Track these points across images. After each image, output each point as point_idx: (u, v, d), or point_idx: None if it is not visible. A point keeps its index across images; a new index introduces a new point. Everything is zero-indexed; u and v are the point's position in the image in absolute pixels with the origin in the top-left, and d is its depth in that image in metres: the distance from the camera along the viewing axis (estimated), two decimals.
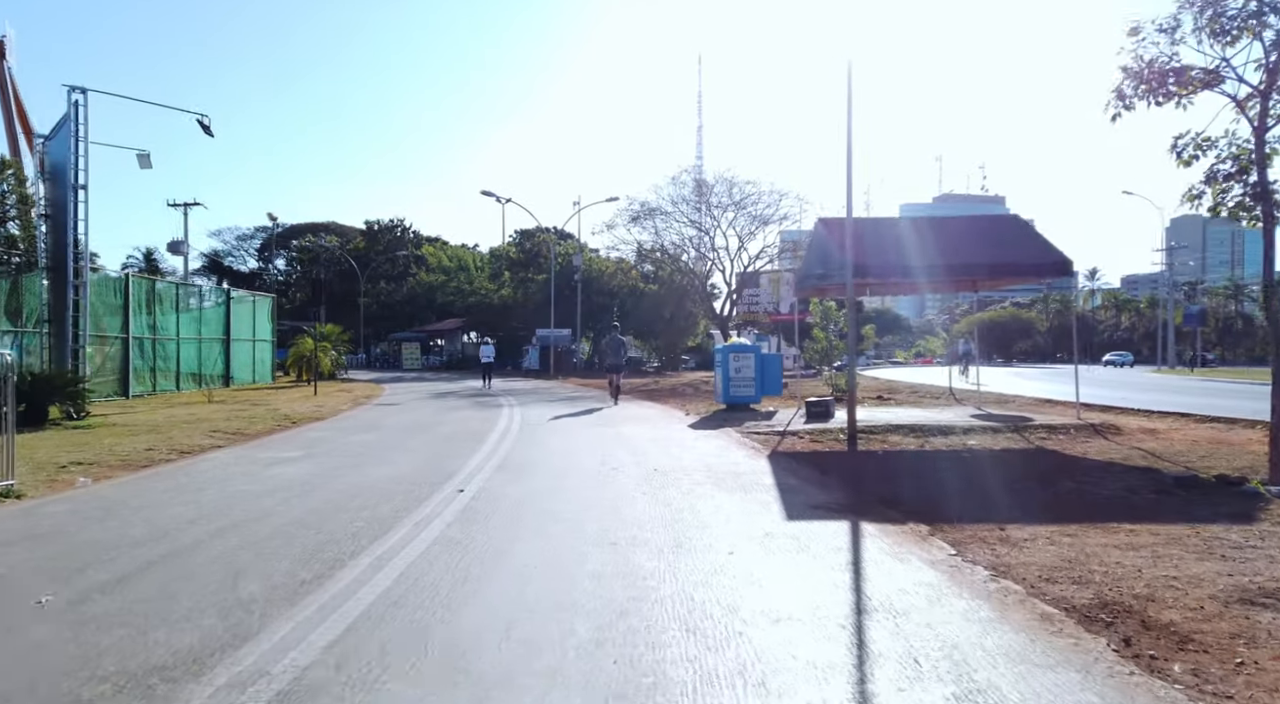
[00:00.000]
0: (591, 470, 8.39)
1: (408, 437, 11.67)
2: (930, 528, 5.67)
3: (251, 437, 11.67)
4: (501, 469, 8.46)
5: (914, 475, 8.20)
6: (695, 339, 51.58)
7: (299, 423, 13.84)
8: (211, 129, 17.52)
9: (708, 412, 15.83)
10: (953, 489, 7.34)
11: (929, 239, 12.42)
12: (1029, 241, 12.25)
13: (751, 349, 16.03)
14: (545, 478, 7.92)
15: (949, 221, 13.10)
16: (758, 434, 11.80)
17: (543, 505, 6.49)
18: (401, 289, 59.99)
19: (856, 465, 8.88)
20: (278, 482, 7.66)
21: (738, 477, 8.00)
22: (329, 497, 6.84)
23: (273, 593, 4.11)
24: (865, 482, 7.76)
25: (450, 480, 7.71)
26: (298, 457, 9.45)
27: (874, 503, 6.61)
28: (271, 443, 10.97)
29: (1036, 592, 4.16)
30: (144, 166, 18.04)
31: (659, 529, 5.61)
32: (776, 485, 7.48)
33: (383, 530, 5.52)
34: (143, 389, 21.31)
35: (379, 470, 8.36)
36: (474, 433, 12.08)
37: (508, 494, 6.99)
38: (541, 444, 10.75)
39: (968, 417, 13.35)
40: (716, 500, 6.73)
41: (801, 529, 5.62)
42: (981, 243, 12.20)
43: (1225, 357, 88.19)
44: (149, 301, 22.24)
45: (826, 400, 13.63)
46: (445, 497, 6.83)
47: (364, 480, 7.70)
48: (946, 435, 11.17)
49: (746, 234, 40.91)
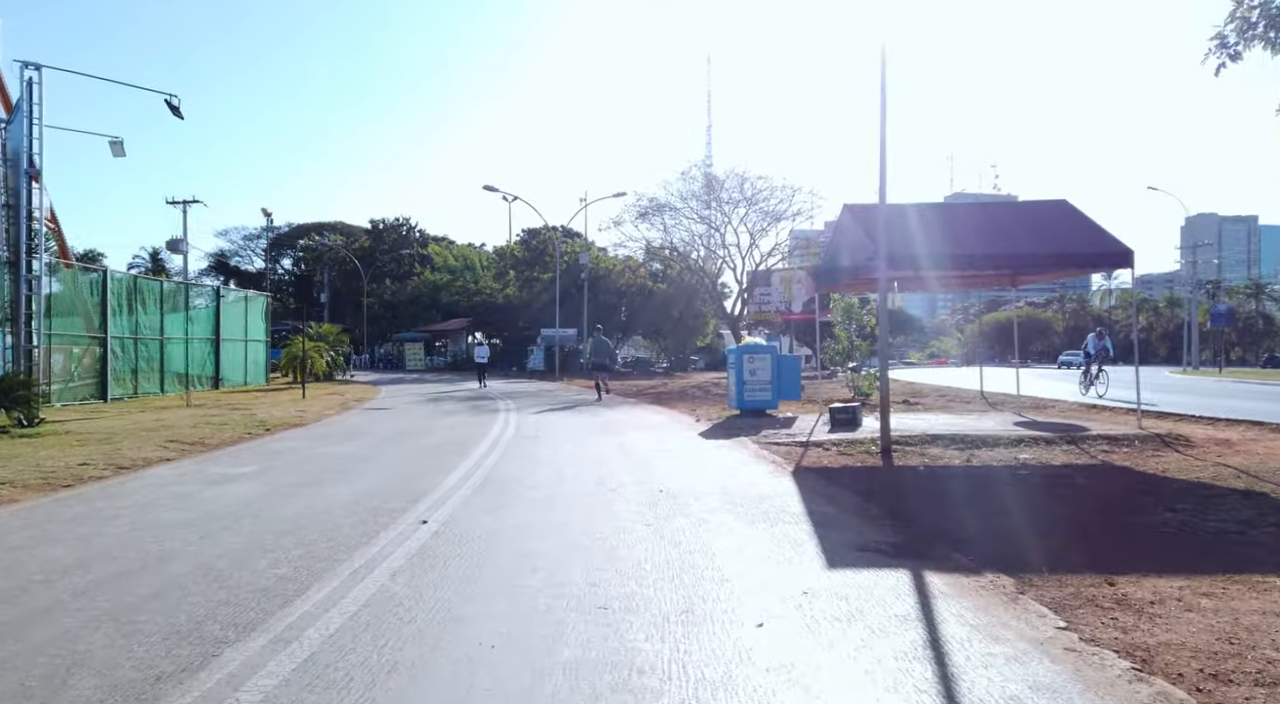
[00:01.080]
0: (586, 492, 7.12)
1: (387, 447, 10.44)
2: (1016, 582, 4.37)
3: (212, 447, 10.46)
4: (482, 490, 7.21)
5: (969, 500, 6.88)
6: (705, 339, 50.25)
7: (273, 430, 12.64)
8: (181, 110, 16.40)
9: (720, 417, 14.54)
10: (1022, 520, 6.03)
11: (972, 227, 11.12)
12: (1085, 230, 10.91)
13: (767, 349, 14.73)
14: (530, 502, 6.65)
15: (994, 208, 11.80)
16: (777, 445, 10.50)
17: (520, 544, 5.22)
18: (406, 289, 58.90)
19: (898, 486, 7.57)
20: (211, 507, 6.43)
21: (759, 501, 6.71)
22: (261, 530, 5.59)
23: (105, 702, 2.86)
24: (913, 509, 6.45)
25: (417, 505, 6.46)
26: (251, 473, 8.22)
27: (932, 540, 5.32)
28: (230, 455, 9.75)
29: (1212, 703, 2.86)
30: (117, 155, 16.93)
31: (664, 582, 4.34)
32: (807, 514, 6.19)
33: (306, 584, 4.27)
34: (123, 392, 20.21)
35: (338, 491, 7.11)
36: (461, 442, 10.84)
37: (481, 526, 5.73)
38: (533, 456, 9.49)
39: (1010, 425, 12.00)
40: (736, 536, 5.45)
41: (850, 584, 4.33)
42: (1032, 231, 10.87)
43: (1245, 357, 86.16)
44: (130, 300, 21.14)
45: (853, 407, 12.32)
46: (403, 530, 5.58)
47: (314, 505, 6.46)
48: (993, 448, 9.85)
49: (758, 230, 39.61)
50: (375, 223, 71.33)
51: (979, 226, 11.01)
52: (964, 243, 10.67)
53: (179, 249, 47.24)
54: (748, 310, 42.98)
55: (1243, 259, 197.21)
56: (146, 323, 21.86)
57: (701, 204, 39.58)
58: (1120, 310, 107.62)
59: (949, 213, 11.63)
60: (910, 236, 10.66)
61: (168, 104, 15.93)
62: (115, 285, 20.41)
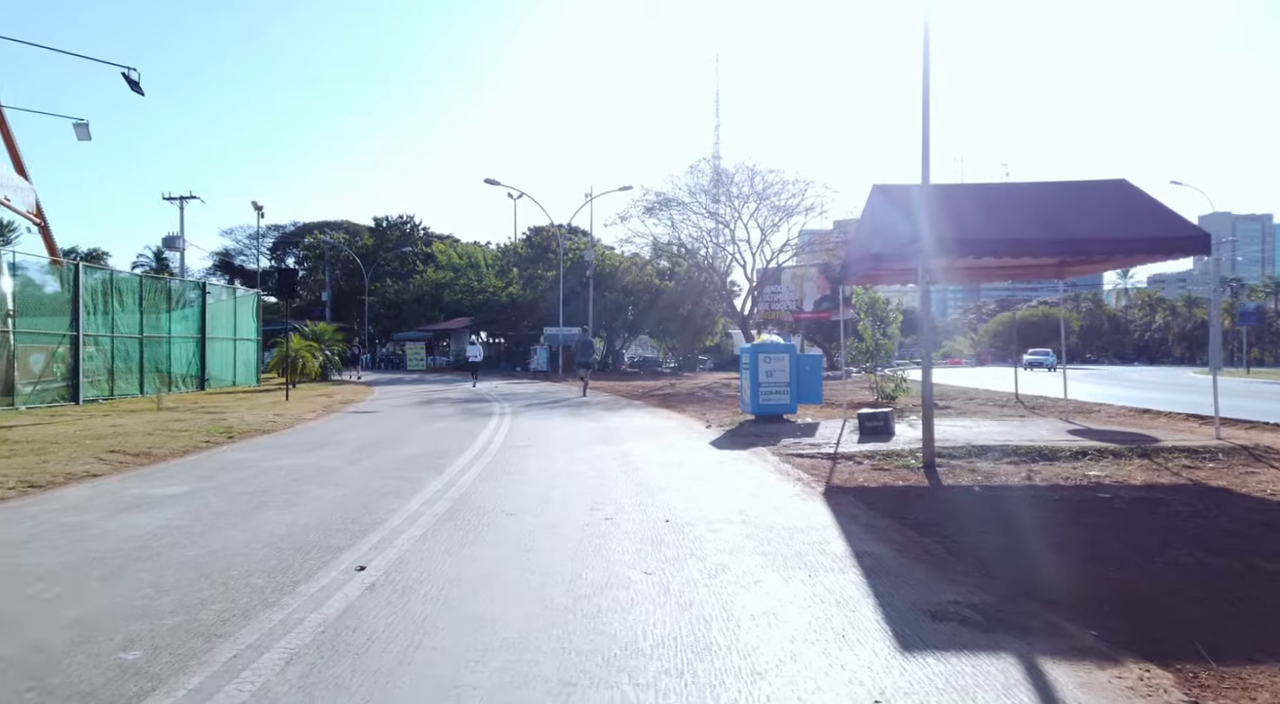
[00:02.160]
0: (576, 522, 5.80)
1: (356, 459, 9.15)
2: (1176, 679, 3.04)
3: (157, 459, 9.20)
4: (449, 518, 5.90)
5: (1051, 535, 5.52)
6: (713, 339, 48.88)
7: (236, 438, 11.37)
8: (140, 86, 15.16)
9: (732, 423, 13.21)
10: (1134, 567, 4.68)
11: (1021, 210, 9.75)
12: (1151, 213, 9.54)
13: (785, 348, 13.40)
14: (504, 537, 5.34)
15: (1045, 188, 10.40)
16: (801, 457, 9.17)
17: (479, 606, 3.91)
18: (408, 287, 57.70)
19: (954, 514, 6.22)
20: (101, 545, 5.14)
21: (789, 535, 5.38)
22: (144, 581, 4.30)
23: None
24: (984, 547, 5.11)
25: (363, 540, 5.16)
26: (179, 494, 6.93)
27: (1028, 599, 3.98)
28: (171, 470, 8.47)
29: None
30: (82, 138, 15.75)
31: (669, 679, 3.01)
32: (854, 556, 4.85)
33: (150, 685, 2.97)
34: (97, 394, 19.01)
35: (273, 521, 5.82)
36: (441, 453, 9.55)
37: (433, 575, 4.42)
38: (519, 471, 8.18)
39: (1063, 433, 10.63)
40: (766, 593, 4.12)
41: (938, 683, 3.00)
42: (1089, 214, 9.50)
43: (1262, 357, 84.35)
44: (106, 296, 19.95)
45: (884, 413, 10.96)
46: (331, 581, 4.28)
47: (232, 543, 5.16)
48: (1052, 461, 8.49)
49: (769, 226, 38.16)
50: (379, 220, 70.27)
51: (1029, 209, 9.64)
52: (1013, 226, 9.31)
53: (176, 246, 46.25)
54: (758, 309, 41.52)
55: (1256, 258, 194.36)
56: (124, 321, 20.67)
57: (710, 199, 38.18)
58: (1135, 309, 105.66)
59: (994, 194, 10.28)
60: (951, 220, 9.30)
61: (125, 78, 14.71)
62: (89, 281, 19.20)
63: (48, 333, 18.12)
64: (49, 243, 26.11)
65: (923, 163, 8.37)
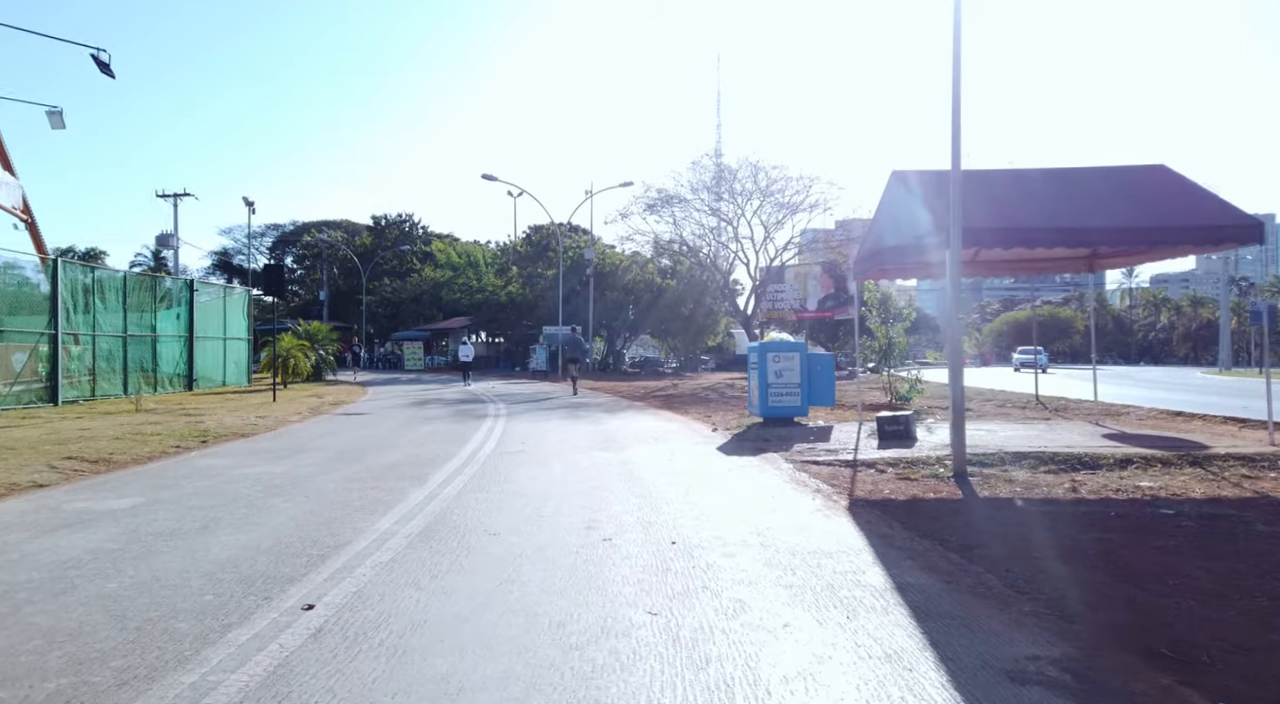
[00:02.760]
0: (570, 545, 5.04)
1: (331, 467, 8.39)
2: None
3: (116, 466, 8.45)
4: (424, 540, 5.15)
5: (1118, 561, 4.76)
6: (715, 338, 48.10)
7: (210, 442, 10.63)
8: (111, 68, 14.41)
9: (740, 426, 12.45)
10: (1235, 602, 3.92)
11: (1053, 196, 9.00)
12: (1198, 199, 8.79)
13: (795, 347, 12.63)
14: (485, 565, 4.58)
15: (1079, 174, 9.64)
16: (818, 464, 8.41)
17: (444, 662, 3.15)
18: (406, 286, 56.97)
19: (1000, 533, 5.45)
20: (12, 575, 4.39)
21: (816, 561, 4.63)
22: (15, 640, 3.54)
23: None
24: (1045, 576, 4.35)
25: (319, 569, 4.41)
26: (125, 509, 6.18)
27: (1118, 650, 3.23)
28: (126, 479, 7.72)
29: None
30: (56, 126, 15.01)
31: None
32: (896, 590, 4.10)
33: None
34: (77, 394, 18.28)
35: (221, 543, 5.07)
36: (426, 461, 8.80)
37: (394, 617, 3.67)
38: (509, 482, 7.42)
39: (1098, 438, 9.87)
40: (798, 642, 3.37)
41: None
42: (1132, 201, 8.74)
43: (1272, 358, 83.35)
44: (88, 294, 19.21)
45: (905, 416, 10.20)
46: (269, 625, 3.53)
47: (167, 571, 4.41)
48: (1095, 470, 7.73)
49: (773, 223, 37.39)
50: (377, 219, 69.56)
51: (1062, 195, 8.88)
52: (1051, 215, 8.55)
53: (169, 244, 45.55)
54: (761, 308, 40.73)
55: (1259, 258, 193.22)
56: (107, 319, 19.94)
57: (713, 195, 37.41)
58: (1139, 309, 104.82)
59: (1023, 179, 9.51)
60: (982, 207, 8.56)
61: (95, 59, 13.96)
62: (68, 279, 18.46)
63: (32, 332, 17.41)
64: (36, 240, 25.34)
65: (953, 141, 7.61)
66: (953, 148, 7.64)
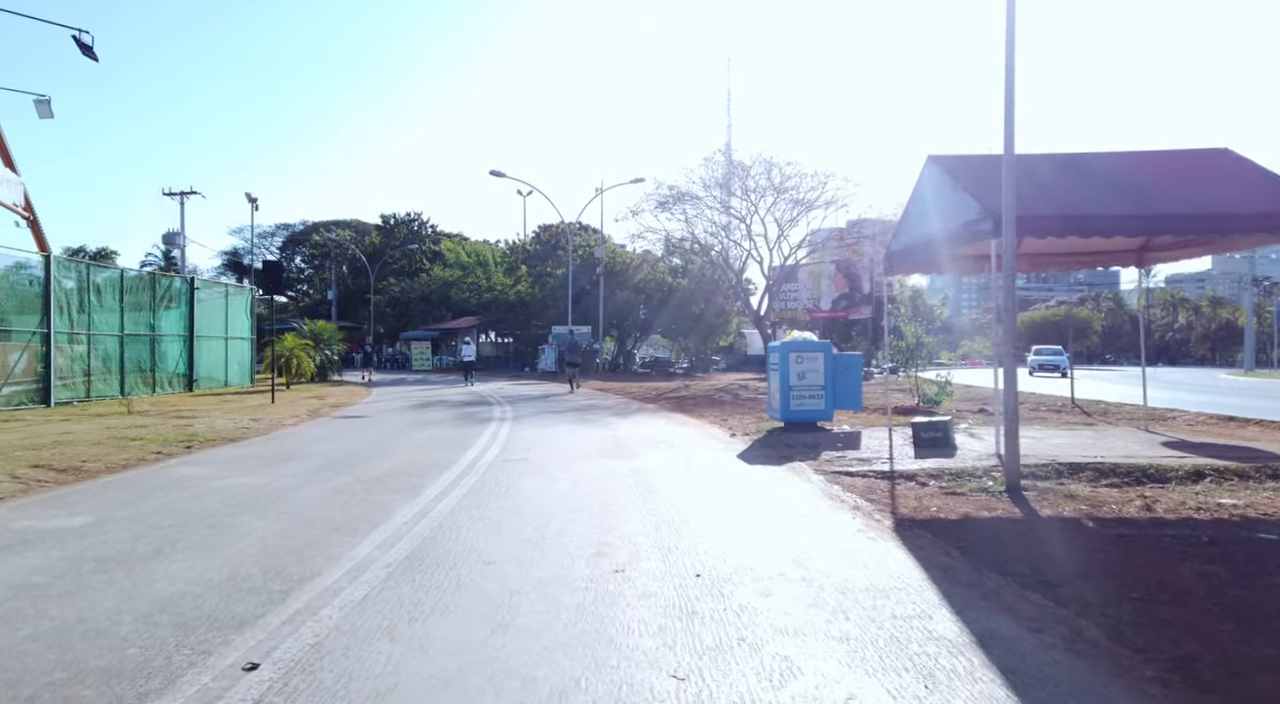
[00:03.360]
0: (576, 579, 4.30)
1: (317, 477, 7.68)
2: None
3: (86, 475, 7.77)
4: (406, 571, 4.42)
5: (1236, 604, 3.96)
6: (727, 338, 47.29)
7: (195, 448, 9.95)
8: (94, 51, 13.78)
9: (759, 431, 11.68)
10: None
11: (1114, 182, 8.18)
12: (1273, 185, 7.95)
13: (819, 347, 11.83)
14: (473, 605, 3.84)
15: (1139, 158, 8.84)
16: (851, 476, 7.63)
17: None
18: (415, 286, 56.43)
19: (1082, 566, 4.66)
20: None
21: (871, 601, 3.87)
22: None
23: None
24: (1163, 629, 3.57)
25: (273, 611, 3.69)
26: (77, 528, 5.48)
27: None
28: (91, 491, 7.03)
29: None
30: (44, 115, 14.41)
31: None
32: (977, 644, 3.33)
33: None
34: (71, 395, 17.69)
35: (168, 573, 4.36)
36: (422, 470, 8.08)
37: (354, 684, 2.93)
38: (511, 496, 6.68)
39: (1155, 446, 9.05)
40: None
41: None
42: (1200, 186, 7.92)
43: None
44: (82, 293, 18.62)
45: (942, 422, 9.39)
46: (198, 693, 2.80)
47: (88, 615, 3.70)
48: (1163, 484, 6.93)
49: (787, 221, 36.48)
50: (386, 218, 69.16)
51: (1123, 180, 8.07)
52: (1107, 200, 7.75)
53: (176, 243, 45.14)
54: (774, 307, 39.85)
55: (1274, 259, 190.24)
56: (103, 318, 19.36)
57: (726, 192, 36.56)
58: (1157, 309, 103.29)
59: (1079, 164, 8.69)
60: (1029, 194, 7.75)
61: (76, 41, 13.34)
62: (62, 277, 17.88)
63: (30, 331, 16.83)
64: (39, 237, 24.90)
65: (1006, 114, 6.82)
66: (1005, 124, 6.85)
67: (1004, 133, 6.81)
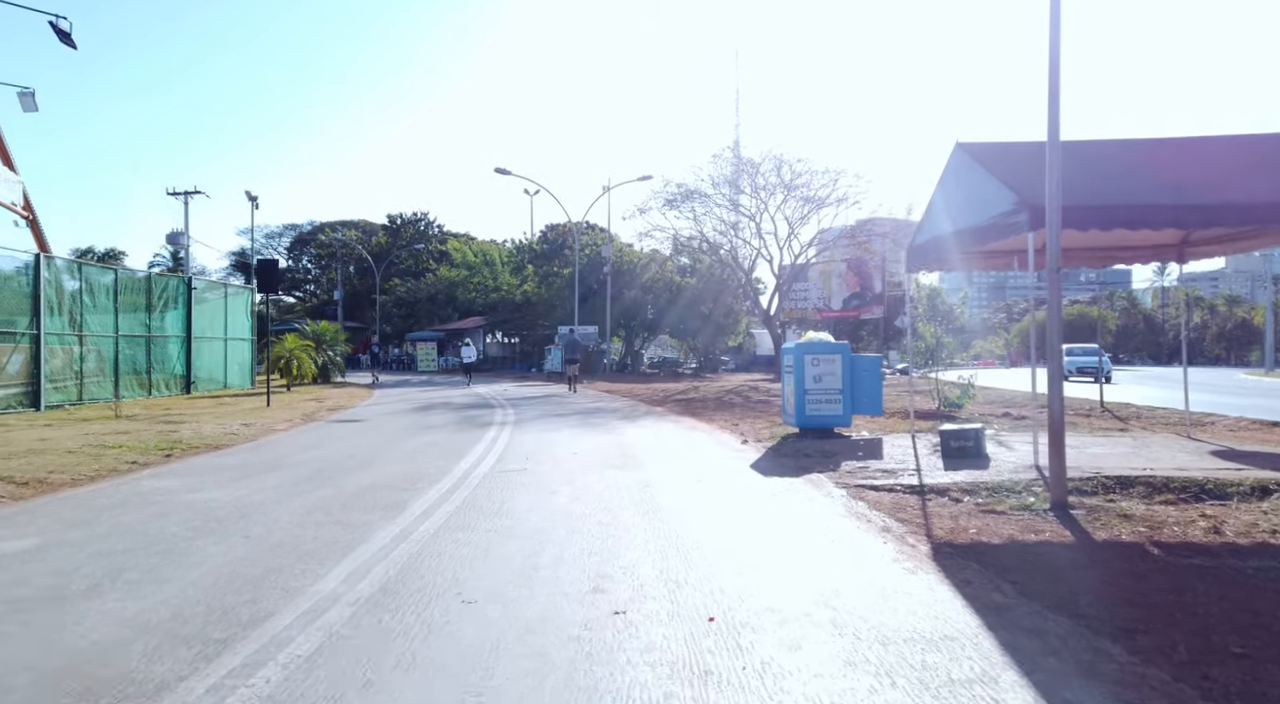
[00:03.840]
0: (568, 626, 3.67)
1: (296, 491, 7.09)
2: None
3: (47, 489, 7.20)
4: (372, 613, 3.81)
5: None
6: (736, 338, 46.59)
7: (175, 456, 9.39)
8: (73, 38, 13.24)
9: (773, 437, 11.04)
10: None
11: (1161, 169, 7.50)
12: None
13: (837, 348, 11.17)
14: (443, 659, 3.22)
15: (1186, 144, 8.17)
16: (876, 490, 6.99)
17: None
18: (421, 286, 55.99)
19: (1164, 607, 4.00)
20: None
21: (920, 656, 3.23)
22: None
23: None
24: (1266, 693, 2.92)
25: (205, 670, 3.08)
26: (10, 556, 4.89)
27: None
28: (47, 507, 6.45)
29: None
30: (28, 108, 13.91)
31: None
32: None
33: None
34: (63, 398, 17.20)
35: (95, 614, 3.76)
36: (411, 481, 7.48)
37: None
38: (503, 514, 6.07)
39: (1205, 456, 8.36)
40: None
41: None
42: (1261, 174, 7.24)
43: None
44: (73, 293, 18.13)
45: (973, 430, 8.73)
46: None
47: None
48: (1225, 501, 6.25)
49: (797, 219, 35.75)
50: (393, 218, 68.79)
51: (1181, 167, 7.39)
52: (1166, 188, 7.07)
53: (180, 242, 44.81)
54: (784, 307, 39.11)
55: None
56: (97, 319, 18.87)
57: (735, 190, 35.87)
58: (1171, 308, 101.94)
59: (1121, 150, 8.03)
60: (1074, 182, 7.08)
61: (54, 28, 12.82)
62: (52, 276, 17.39)
63: (19, 332, 16.35)
64: (39, 237, 24.50)
65: (1050, 86, 6.15)
66: (1050, 96, 6.18)
67: (1048, 107, 6.15)
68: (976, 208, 8.21)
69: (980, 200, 8.11)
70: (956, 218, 8.84)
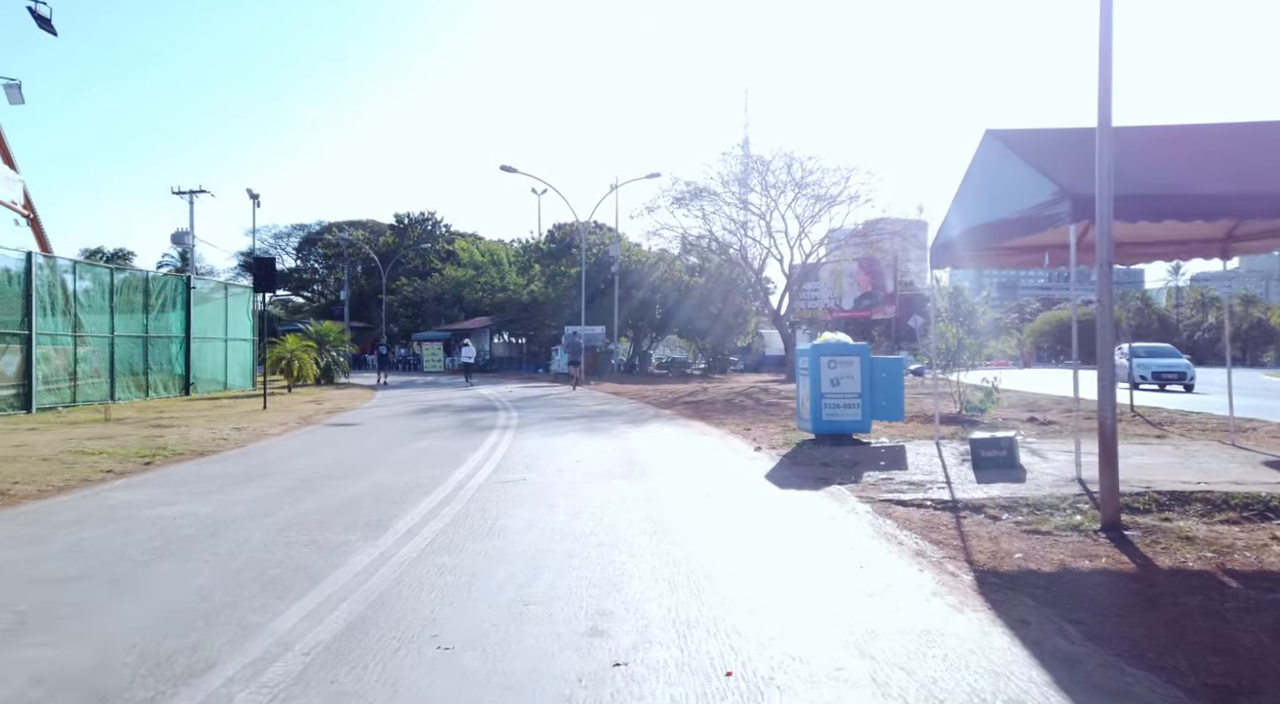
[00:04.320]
0: (559, 680, 3.10)
1: (276, 504, 6.55)
2: None
3: (7, 502, 6.69)
4: (328, 665, 3.25)
5: None
6: (745, 338, 45.95)
7: (155, 464, 8.89)
8: (53, 24, 12.78)
9: (787, 444, 10.46)
10: None
11: (1213, 156, 6.90)
12: None
13: (855, 350, 10.57)
14: None
15: (1245, 129, 7.55)
16: (904, 505, 6.40)
17: None
18: (428, 286, 55.59)
19: (1261, 658, 3.42)
20: None
21: None
22: None
23: None
24: None
25: None
26: None
27: None
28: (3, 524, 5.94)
29: None
30: (14, 101, 13.48)
31: None
32: None
33: None
34: (56, 400, 16.77)
35: (12, 663, 3.22)
36: (401, 493, 6.94)
37: None
38: (495, 534, 5.51)
39: (1260, 467, 7.74)
40: None
41: None
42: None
43: None
44: (68, 293, 17.71)
45: (1006, 439, 8.11)
46: None
47: None
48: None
49: (808, 217, 35.13)
50: (400, 218, 68.46)
51: (1243, 155, 6.78)
52: (1229, 176, 6.47)
53: (184, 242, 44.56)
54: (795, 307, 38.46)
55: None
56: (91, 320, 18.44)
57: (745, 188, 35.26)
58: (1186, 308, 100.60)
59: (1167, 137, 7.42)
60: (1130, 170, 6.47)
61: (32, 13, 12.36)
62: (45, 275, 16.96)
63: (14, 332, 15.93)
64: (40, 236, 24.14)
65: (1101, 70, 5.55)
66: (1101, 82, 5.58)
67: (1098, 87, 5.54)
68: (1009, 199, 7.61)
69: (1013, 191, 7.52)
70: (985, 211, 8.24)
